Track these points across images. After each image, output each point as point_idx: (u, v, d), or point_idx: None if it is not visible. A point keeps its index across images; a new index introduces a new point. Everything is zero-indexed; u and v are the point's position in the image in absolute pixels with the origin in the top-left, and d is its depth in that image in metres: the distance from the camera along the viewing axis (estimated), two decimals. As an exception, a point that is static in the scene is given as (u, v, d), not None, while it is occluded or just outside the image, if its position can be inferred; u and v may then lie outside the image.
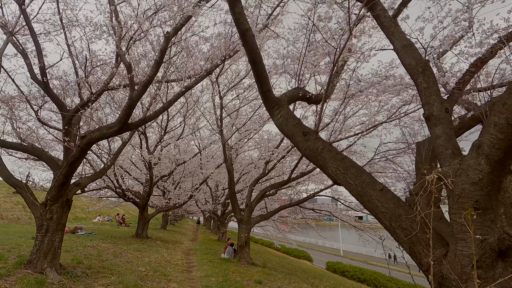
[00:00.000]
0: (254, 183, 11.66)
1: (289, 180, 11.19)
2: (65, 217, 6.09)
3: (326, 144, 2.95)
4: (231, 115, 13.35)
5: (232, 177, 11.43)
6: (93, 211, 26.85)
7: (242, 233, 11.13)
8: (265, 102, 3.47)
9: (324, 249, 45.72)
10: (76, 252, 8.86)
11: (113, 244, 11.53)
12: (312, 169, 11.63)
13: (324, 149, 2.89)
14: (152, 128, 16.01)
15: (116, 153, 8.08)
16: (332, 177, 2.79)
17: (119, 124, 5.24)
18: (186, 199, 16.28)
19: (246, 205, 11.44)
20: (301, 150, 3.15)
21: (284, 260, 18.78)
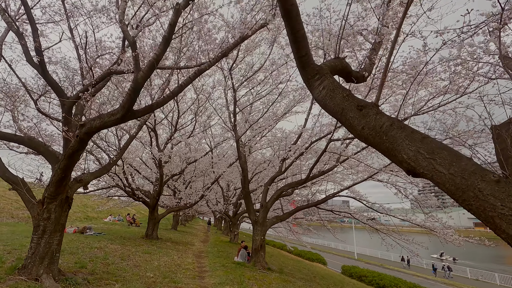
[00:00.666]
0: (270, 182, 10.84)
1: (308, 179, 10.32)
2: (65, 216, 5.43)
3: (395, 120, 2.12)
4: (244, 110, 12.62)
5: (246, 175, 10.66)
6: (104, 211, 26.61)
7: (257, 235, 10.33)
8: (302, 70, 2.66)
9: (337, 252, 44.38)
10: (82, 254, 8.25)
11: (121, 245, 10.93)
12: (332, 167, 10.74)
13: (392, 126, 2.06)
14: (162, 125, 15.44)
15: (122, 148, 7.43)
16: (408, 164, 1.95)
17: (123, 111, 4.53)
18: (198, 199, 15.61)
19: (261, 205, 10.64)
20: (355, 130, 2.33)
21: (300, 264, 17.86)
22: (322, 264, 28.23)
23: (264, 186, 10.91)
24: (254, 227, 10.49)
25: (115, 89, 7.85)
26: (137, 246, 11.18)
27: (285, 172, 10.61)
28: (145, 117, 8.34)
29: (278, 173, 10.86)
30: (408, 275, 28.73)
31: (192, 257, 11.00)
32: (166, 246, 12.67)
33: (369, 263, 36.40)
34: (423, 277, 29.96)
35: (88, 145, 10.19)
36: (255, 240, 10.32)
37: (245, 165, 10.68)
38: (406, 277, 26.55)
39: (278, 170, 10.98)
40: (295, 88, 12.31)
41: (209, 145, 16.52)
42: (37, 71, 5.08)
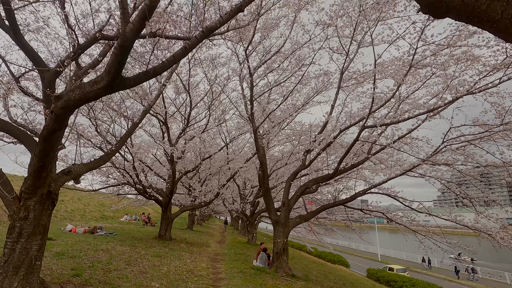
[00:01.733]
0: (293, 177, 9.54)
1: (336, 173, 8.95)
2: (47, 216, 4.41)
3: None
4: (262, 100, 11.41)
5: (265, 170, 9.42)
6: (120, 210, 26.19)
7: (278, 237, 9.06)
8: None
9: (358, 253, 42.26)
10: (83, 258, 7.30)
11: (131, 247, 9.98)
12: (363, 159, 9.31)
13: None
14: (175, 119, 14.49)
15: (124, 137, 6.39)
16: None
17: (108, 77, 3.41)
18: (213, 197, 14.53)
19: (282, 203, 9.36)
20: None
21: (324, 268, 16.40)
22: (345, 266, 26.53)
23: (286, 182, 9.62)
24: (275, 228, 9.23)
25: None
26: (147, 248, 10.20)
27: (309, 165, 9.28)
28: (150, 102, 7.27)
29: (301, 166, 9.54)
30: (431, 278, 26.54)
31: (206, 261, 9.89)
32: (179, 247, 11.64)
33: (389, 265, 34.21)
34: (448, 280, 27.78)
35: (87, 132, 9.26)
36: (276, 243, 9.06)
37: (264, 159, 9.44)
38: (435, 280, 24.46)
39: (301, 163, 9.66)
40: (318, 74, 10.99)
41: (224, 141, 15.42)
42: (9, 35, 4.06)
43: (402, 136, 8.74)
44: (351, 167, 9.30)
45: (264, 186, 9.39)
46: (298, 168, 9.61)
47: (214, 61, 11.89)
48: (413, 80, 8.73)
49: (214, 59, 11.75)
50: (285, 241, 9.11)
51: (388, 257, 39.39)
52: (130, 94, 8.79)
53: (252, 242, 17.74)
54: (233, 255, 12.19)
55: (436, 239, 10.60)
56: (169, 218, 13.23)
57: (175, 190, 15.03)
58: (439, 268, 33.67)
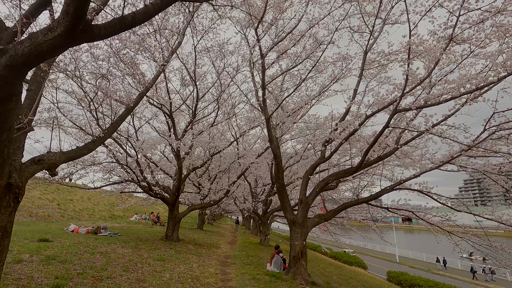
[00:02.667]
0: (311, 171, 8.40)
1: (361, 166, 7.77)
2: (7, 215, 3.45)
3: None
4: (274, 89, 10.32)
5: (280, 163, 8.31)
6: (130, 209, 25.64)
7: (296, 239, 7.94)
8: None
9: (374, 254, 40.49)
10: (75, 263, 6.40)
11: (133, 249, 9.09)
12: (391, 150, 8.08)
13: None
14: (181, 112, 13.60)
15: (115, 123, 5.45)
16: None
17: (67, 20, 2.42)
18: (222, 195, 13.53)
19: (300, 201, 8.23)
20: None
21: (344, 272, 15.11)
22: (363, 268, 25.08)
23: (303, 177, 8.48)
24: (291, 229, 8.12)
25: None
26: (151, 250, 9.28)
27: (330, 157, 8.11)
28: (147, 85, 6.29)
29: (320, 159, 8.39)
30: (447, 279, 24.77)
31: (215, 265, 8.87)
32: (187, 249, 10.68)
33: (414, 267, 32.44)
34: (464, 281, 26.04)
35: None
36: (293, 246, 7.94)
37: (278, 151, 8.33)
38: (460, 284, 22.73)
39: (320, 156, 8.51)
40: (336, 59, 9.83)
41: (234, 136, 14.39)
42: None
43: (439, 122, 7.48)
44: (377, 159, 8.09)
45: (279, 181, 8.28)
46: (317, 161, 8.46)
47: (222, 50, 10.93)
48: (446, 60, 7.44)
49: (222, 46, 10.77)
50: (303, 244, 7.98)
51: (406, 258, 37.50)
52: (126, 77, 7.86)
53: (264, 243, 16.65)
54: (245, 257, 11.14)
55: (474, 241, 9.27)
56: (176, 218, 12.30)
57: (182, 188, 14.14)
58: (454, 268, 32.12)
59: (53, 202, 17.84)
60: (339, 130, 7.92)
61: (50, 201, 17.87)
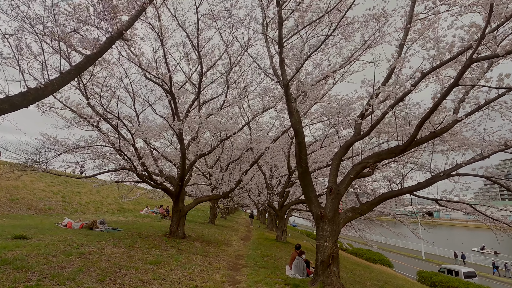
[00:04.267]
0: (343, 152, 6.46)
1: (411, 143, 5.77)
2: None
3: None
4: (292, 56, 8.38)
5: (302, 141, 6.42)
6: (142, 202, 24.52)
7: (324, 239, 6.08)
8: None
9: (397, 250, 37.87)
10: (37, 269, 4.83)
11: (126, 248, 7.53)
12: (450, 124, 6.00)
13: None
14: (186, 90, 11.89)
15: (67, 72, 3.75)
16: None
17: None
18: (233, 185, 11.81)
19: (329, 190, 6.33)
20: None
21: (375, 275, 13.05)
22: (388, 266, 22.86)
23: (333, 159, 6.53)
24: (319, 226, 6.24)
25: None
26: (148, 250, 7.69)
27: (369, 133, 6.13)
28: (121, 27, 4.52)
29: (355, 136, 6.44)
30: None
31: (223, 269, 7.15)
32: (192, 248, 9.05)
33: (441, 264, 29.72)
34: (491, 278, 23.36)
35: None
36: (322, 248, 6.07)
37: (300, 126, 6.43)
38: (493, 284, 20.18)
39: (354, 132, 6.54)
40: (368, 17, 7.81)
41: (246, 120, 12.56)
42: None
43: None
44: (431, 135, 6.03)
45: (302, 165, 6.39)
46: (350, 139, 6.50)
47: (231, 14, 9.10)
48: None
49: (231, 9, 8.94)
50: (334, 245, 6.10)
51: (432, 255, 34.73)
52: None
53: (281, 240, 14.86)
54: (259, 258, 9.39)
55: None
56: (182, 211, 10.70)
57: (188, 178, 12.54)
58: (474, 264, 30.38)
59: (57, 195, 16.77)
60: (381, 96, 5.92)
61: (55, 193, 16.81)
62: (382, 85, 5.93)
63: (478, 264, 30.38)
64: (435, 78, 6.92)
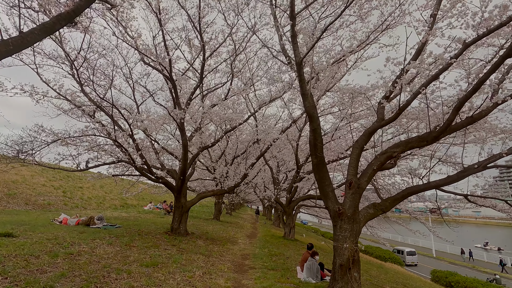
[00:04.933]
0: (365, 139, 5.60)
1: (447, 128, 4.89)
2: None
3: None
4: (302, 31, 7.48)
5: (318, 127, 5.59)
6: (146, 198, 24.01)
7: (343, 240, 5.27)
8: None
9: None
10: (12, 274, 4.14)
11: (122, 247, 6.84)
12: (490, 108, 5.08)
13: None
14: (188, 78, 11.11)
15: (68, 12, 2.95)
16: None
17: None
18: (239, 180, 11.04)
19: (348, 184, 5.50)
20: None
21: (392, 275, 12.17)
22: (398, 264, 21.97)
23: (353, 148, 5.69)
24: (337, 225, 5.42)
25: None
26: (146, 249, 6.99)
27: (396, 118, 5.25)
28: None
29: (378, 122, 5.57)
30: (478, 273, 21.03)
31: (228, 271, 6.41)
32: (194, 247, 8.33)
33: (454, 263, 28.74)
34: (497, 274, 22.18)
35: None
36: (340, 250, 5.27)
37: (315, 111, 5.59)
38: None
39: (378, 118, 5.67)
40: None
41: (251, 111, 11.72)
42: None
43: None
44: (468, 120, 5.12)
45: (317, 155, 5.56)
46: (373, 126, 5.63)
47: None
48: None
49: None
50: (355, 247, 5.29)
51: (443, 252, 33.68)
52: None
53: (289, 237, 14.09)
54: (267, 257, 8.63)
55: None
56: (184, 207, 9.99)
57: (191, 172, 11.82)
58: (479, 260, 30.02)
59: (58, 190, 16.26)
60: (408, 76, 5.03)
61: (56, 188, 16.30)
62: (412, 60, 5.04)
63: (483, 261, 29.64)
64: (458, 63, 5.99)
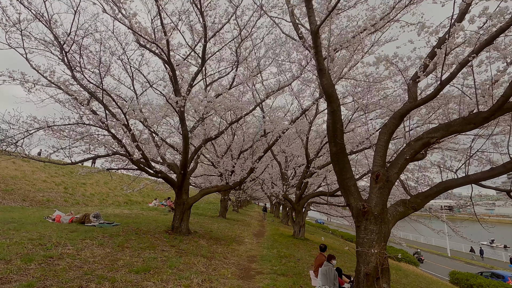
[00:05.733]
0: (396, 122, 4.61)
1: (500, 108, 3.88)
2: None
3: None
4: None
5: (337, 110, 4.63)
6: (152, 194, 23.42)
7: (369, 244, 4.34)
8: None
9: (419, 246, 35.44)
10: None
11: (114, 248, 6.06)
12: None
13: None
14: (191, 65, 10.25)
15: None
16: None
17: None
18: (245, 175, 10.17)
19: (375, 176, 4.55)
20: None
21: (413, 280, 11.13)
22: (414, 265, 20.82)
23: (381, 134, 4.71)
24: (361, 226, 4.49)
25: None
26: (141, 250, 6.20)
27: (436, 95, 4.25)
28: None
29: (411, 102, 4.59)
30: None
31: (232, 277, 5.55)
32: (196, 248, 7.51)
33: (470, 263, 27.38)
34: None
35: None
36: (366, 256, 4.33)
37: (333, 90, 4.64)
38: None
39: (409, 98, 4.68)
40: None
41: (258, 100, 10.80)
42: None
43: None
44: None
45: (337, 142, 4.62)
46: (406, 106, 4.65)
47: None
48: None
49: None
50: (384, 253, 4.35)
51: (458, 251, 32.27)
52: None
53: (299, 236, 13.17)
54: (276, 260, 7.74)
55: None
56: (185, 204, 9.18)
57: (194, 166, 11.01)
58: (489, 258, 28.94)
59: (59, 186, 15.71)
60: (448, 47, 4.03)
61: (57, 184, 15.75)
62: (457, 22, 4.04)
63: (493, 259, 28.45)
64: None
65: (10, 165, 15.04)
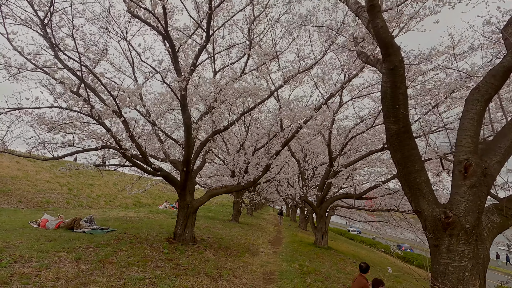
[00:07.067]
0: (498, 83, 2.95)
1: None
2: None
3: None
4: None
5: (400, 66, 3.01)
6: (163, 196, 22.31)
7: (458, 276, 2.67)
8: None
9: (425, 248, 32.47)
10: None
11: (92, 265, 4.66)
12: None
13: None
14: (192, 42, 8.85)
15: None
16: None
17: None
18: (260, 173, 8.60)
19: (463, 168, 2.86)
20: None
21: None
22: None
23: (468, 100, 3.06)
24: (441, 246, 2.82)
25: None
26: (127, 267, 4.77)
27: None
28: None
29: None
30: None
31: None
32: (199, 262, 6.01)
33: (509, 273, 24.41)
34: None
35: None
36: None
37: (391, 36, 3.04)
38: None
39: (508, 51, 3.00)
40: None
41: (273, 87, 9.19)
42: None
43: None
44: None
45: (398, 118, 3.00)
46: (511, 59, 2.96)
47: None
48: None
49: None
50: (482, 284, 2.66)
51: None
52: None
53: (321, 245, 11.42)
54: (299, 278, 6.11)
55: None
56: (190, 207, 7.72)
57: (200, 164, 9.58)
58: None
59: (64, 187, 14.76)
60: None
61: (61, 185, 14.81)
62: None
63: None
64: None
65: (13, 164, 14.24)
